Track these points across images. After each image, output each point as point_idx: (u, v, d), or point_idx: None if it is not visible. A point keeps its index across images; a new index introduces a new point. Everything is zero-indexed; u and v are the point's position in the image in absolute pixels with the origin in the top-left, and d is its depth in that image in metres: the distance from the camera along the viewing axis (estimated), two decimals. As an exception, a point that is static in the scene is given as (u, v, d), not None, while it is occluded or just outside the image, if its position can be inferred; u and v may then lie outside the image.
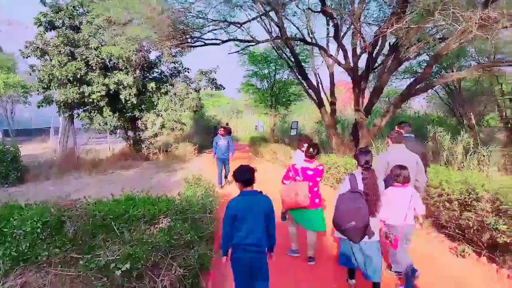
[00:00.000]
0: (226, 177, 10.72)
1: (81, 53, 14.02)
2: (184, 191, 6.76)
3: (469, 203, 5.15)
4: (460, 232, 5.43)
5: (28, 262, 3.31)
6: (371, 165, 3.86)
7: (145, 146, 17.06)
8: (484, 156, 10.14)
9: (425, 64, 20.62)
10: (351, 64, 12.06)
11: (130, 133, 17.23)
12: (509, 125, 19.11)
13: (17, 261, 3.33)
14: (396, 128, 5.35)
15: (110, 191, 10.84)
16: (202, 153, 19.93)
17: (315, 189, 4.88)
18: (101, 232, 3.50)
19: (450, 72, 13.74)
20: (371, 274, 3.80)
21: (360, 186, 3.76)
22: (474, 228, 5.05)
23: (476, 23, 6.24)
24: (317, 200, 4.87)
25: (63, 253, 3.36)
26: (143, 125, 16.60)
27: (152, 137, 16.95)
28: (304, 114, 29.72)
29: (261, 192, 3.39)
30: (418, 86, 12.03)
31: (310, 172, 4.82)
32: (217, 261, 4.33)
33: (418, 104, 28.15)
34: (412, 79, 22.80)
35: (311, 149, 4.84)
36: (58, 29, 14.37)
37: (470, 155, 10.41)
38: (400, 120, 10.61)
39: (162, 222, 3.87)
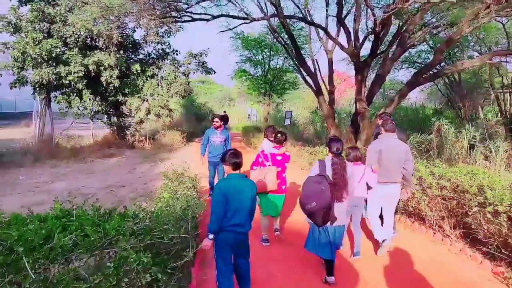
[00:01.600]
0: None
1: (58, 29, 12.39)
2: (160, 191, 5.43)
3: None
4: (506, 252, 4.17)
5: None
6: (341, 153, 3.91)
7: (130, 133, 15.55)
8: (491, 152, 9.09)
9: (426, 53, 19.61)
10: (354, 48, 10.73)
11: (114, 119, 15.67)
12: (509, 119, 18.21)
13: None
14: (378, 119, 5.22)
15: (85, 183, 9.58)
16: (191, 141, 18.51)
17: (283, 174, 4.94)
18: (6, 272, 2.16)
19: (461, 61, 12.37)
20: (326, 254, 3.85)
21: (328, 172, 3.77)
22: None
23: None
24: (284, 187, 4.94)
25: None
26: (128, 111, 15.06)
27: (137, 123, 15.45)
28: (298, 104, 28.42)
29: (246, 176, 3.43)
30: (425, 75, 10.86)
31: (278, 158, 4.88)
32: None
33: (413, 95, 27.11)
34: (410, 70, 21.88)
35: (279, 135, 4.94)
36: (32, 3, 12.67)
37: (474, 150, 9.39)
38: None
39: (111, 252, 2.55)
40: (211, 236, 3.15)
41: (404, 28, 10.11)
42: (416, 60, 19.96)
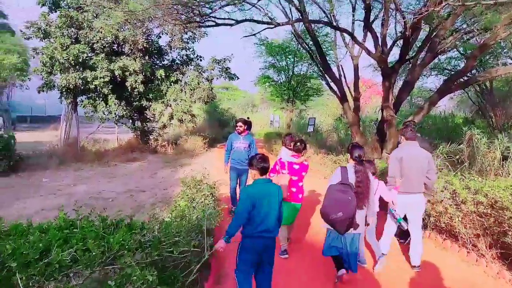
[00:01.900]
0: None
1: (85, 35, 12.57)
2: (177, 199, 5.22)
3: None
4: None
5: None
6: (363, 160, 3.86)
7: (153, 138, 15.57)
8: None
9: (456, 60, 18.85)
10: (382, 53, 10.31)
11: (138, 124, 15.75)
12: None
13: None
14: (402, 127, 4.93)
15: (107, 187, 9.55)
16: (213, 147, 18.40)
17: (300, 184, 4.82)
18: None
19: (495, 68, 11.70)
20: (352, 265, 3.82)
21: (351, 179, 3.71)
22: None
23: None
24: (300, 195, 4.81)
25: None
26: (151, 116, 15.09)
27: (160, 128, 15.46)
28: (322, 111, 27.92)
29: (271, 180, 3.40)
30: (457, 82, 10.32)
31: (296, 167, 4.78)
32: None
33: (442, 103, 26.09)
34: (439, 77, 21.08)
35: (297, 144, 4.82)
36: (61, 9, 12.92)
37: (508, 162, 8.80)
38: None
39: (114, 268, 2.33)
40: (226, 238, 3.05)
41: (435, 34, 9.65)
42: (445, 67, 19.22)
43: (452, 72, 19.10)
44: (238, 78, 15.38)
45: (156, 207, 7.92)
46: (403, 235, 5.09)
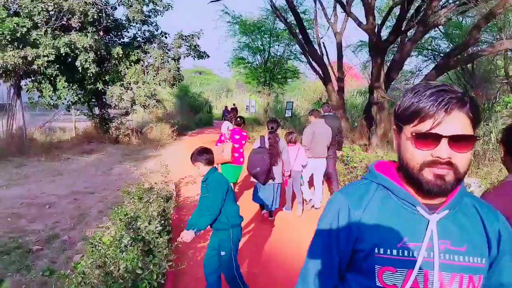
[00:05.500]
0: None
1: (24, 6, 10.24)
2: (106, 224, 3.42)
3: None
4: None
5: None
6: (275, 130, 5.17)
7: (114, 127, 13.41)
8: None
9: (438, 39, 17.62)
10: (374, 25, 8.74)
11: (96, 110, 13.51)
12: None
13: None
14: (321, 109, 6.62)
15: (48, 188, 7.51)
16: (183, 135, 16.42)
17: (241, 150, 5.99)
18: None
19: (500, 41, 10.32)
20: (270, 205, 5.21)
21: (267, 144, 5.02)
22: None
23: None
24: (242, 159, 5.99)
25: None
26: (111, 101, 12.88)
27: (122, 115, 13.34)
28: (298, 95, 26.36)
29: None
30: (457, 57, 8.97)
31: (237, 137, 5.98)
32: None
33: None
34: (419, 57, 19.86)
35: (238, 119, 6.17)
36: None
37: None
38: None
39: None
40: (192, 234, 2.72)
41: (426, 5, 8.35)
42: (427, 47, 18.02)
43: (436, 53, 17.95)
44: (208, 57, 13.24)
45: (103, 215, 6.17)
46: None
